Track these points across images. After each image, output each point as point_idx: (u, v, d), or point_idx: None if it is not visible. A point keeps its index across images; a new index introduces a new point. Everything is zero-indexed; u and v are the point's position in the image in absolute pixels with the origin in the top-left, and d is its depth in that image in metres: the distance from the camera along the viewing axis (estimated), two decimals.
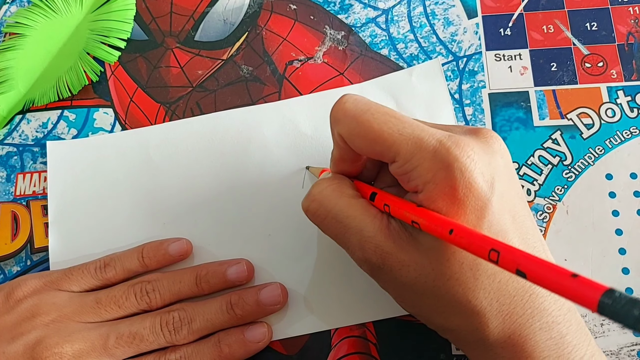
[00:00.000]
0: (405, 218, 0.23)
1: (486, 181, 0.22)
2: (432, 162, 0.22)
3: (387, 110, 0.24)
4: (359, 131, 0.24)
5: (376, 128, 0.23)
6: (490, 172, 0.22)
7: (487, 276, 0.22)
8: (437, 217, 0.22)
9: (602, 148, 0.33)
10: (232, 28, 0.38)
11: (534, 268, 0.18)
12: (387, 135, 0.23)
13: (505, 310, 0.23)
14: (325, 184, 0.26)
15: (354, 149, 0.25)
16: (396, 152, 0.23)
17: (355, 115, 0.24)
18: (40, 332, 0.28)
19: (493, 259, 0.19)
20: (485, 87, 0.35)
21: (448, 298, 0.23)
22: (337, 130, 0.25)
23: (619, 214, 0.32)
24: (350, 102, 0.25)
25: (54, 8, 0.40)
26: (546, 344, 0.23)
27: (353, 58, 0.37)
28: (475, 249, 0.20)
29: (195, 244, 0.33)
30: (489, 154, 0.23)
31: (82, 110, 0.37)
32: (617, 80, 0.34)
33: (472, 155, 0.22)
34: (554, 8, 0.37)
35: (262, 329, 0.30)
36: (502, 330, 0.23)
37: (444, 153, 0.22)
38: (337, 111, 0.25)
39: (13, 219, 0.35)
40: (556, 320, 0.23)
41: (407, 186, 0.24)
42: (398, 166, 0.23)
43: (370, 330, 0.31)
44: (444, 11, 0.37)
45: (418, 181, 0.23)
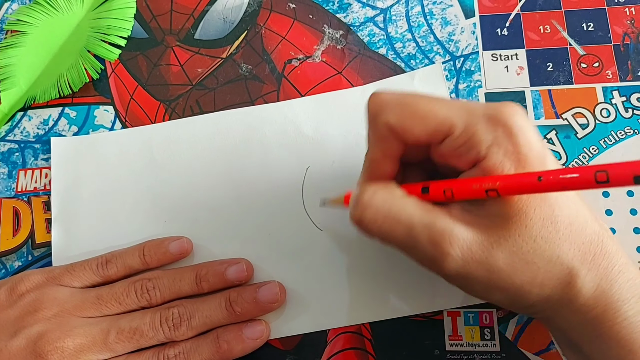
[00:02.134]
0: (477, 192, 0.23)
1: (538, 137, 0.23)
2: (488, 124, 0.22)
3: (423, 94, 0.24)
4: (409, 112, 0.24)
5: (425, 107, 0.24)
6: (535, 130, 0.23)
7: (565, 226, 0.23)
8: (514, 174, 0.22)
9: (596, 148, 0.33)
10: (232, 26, 0.39)
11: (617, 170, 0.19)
12: (438, 110, 0.23)
13: (588, 258, 0.23)
14: (372, 189, 0.25)
15: (404, 134, 0.24)
16: (451, 123, 0.23)
17: (399, 101, 0.24)
18: (42, 326, 0.29)
19: (601, 180, 0.20)
20: (481, 87, 0.35)
21: (538, 261, 0.23)
22: (383, 119, 0.24)
23: (612, 213, 0.32)
24: (385, 93, 0.25)
25: (55, 6, 0.40)
26: (627, 285, 0.23)
27: (351, 57, 0.37)
28: (577, 182, 0.20)
29: (196, 242, 0.33)
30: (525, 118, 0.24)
31: (83, 108, 0.38)
32: (613, 80, 0.35)
33: (520, 112, 0.23)
34: (550, 8, 0.37)
35: (260, 327, 0.31)
36: (591, 279, 0.23)
37: (498, 114, 0.22)
38: (378, 102, 0.25)
39: (15, 214, 0.35)
40: (626, 262, 0.24)
41: (464, 160, 0.23)
42: (454, 138, 0.23)
43: (365, 326, 0.32)
44: (442, 11, 0.38)
45: (480, 147, 0.22)
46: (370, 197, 0.24)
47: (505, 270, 0.23)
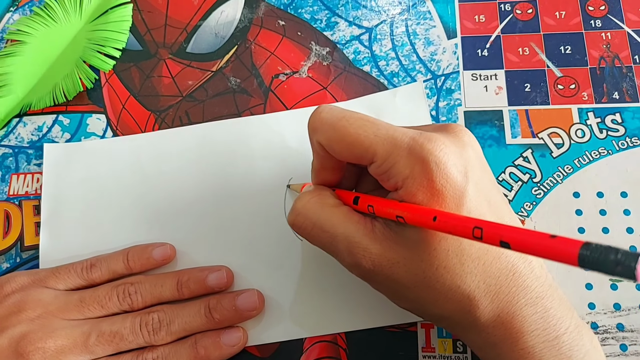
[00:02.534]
0: (390, 215, 0.24)
1: (460, 171, 0.23)
2: (408, 158, 0.23)
3: (361, 116, 0.25)
4: (336, 137, 0.25)
5: (352, 132, 0.25)
6: (462, 162, 0.24)
7: (472, 260, 0.24)
8: (420, 207, 0.23)
9: (570, 167, 0.34)
10: (223, 41, 0.40)
11: (516, 236, 0.19)
12: (364, 138, 0.24)
13: (492, 291, 0.24)
14: (307, 197, 0.27)
15: (334, 154, 0.26)
16: (373, 152, 0.24)
17: (331, 123, 0.25)
18: (25, 326, 0.29)
19: (477, 235, 0.20)
20: (461, 105, 0.36)
21: (439, 287, 0.24)
22: (315, 138, 0.26)
23: (584, 231, 0.33)
24: (326, 111, 0.26)
25: (54, 17, 0.42)
26: (532, 318, 0.24)
27: (336, 73, 0.38)
28: (460, 230, 0.21)
29: (179, 249, 0.34)
30: (460, 146, 0.24)
31: (76, 116, 0.39)
32: (588, 102, 0.36)
33: (444, 148, 0.23)
34: (530, 31, 0.38)
35: (238, 334, 0.31)
36: (492, 310, 0.24)
37: (418, 148, 0.23)
38: (315, 121, 0.26)
39: (5, 217, 0.37)
40: (539, 295, 0.24)
41: (387, 185, 0.25)
42: (377, 166, 0.24)
43: (341, 336, 0.32)
44: (425, 31, 0.39)
45: (397, 178, 0.24)
46: (303, 205, 0.27)
47: (408, 287, 0.25)
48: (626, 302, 0.31)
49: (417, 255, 0.24)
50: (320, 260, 0.33)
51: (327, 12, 0.40)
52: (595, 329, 0.31)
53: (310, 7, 0.41)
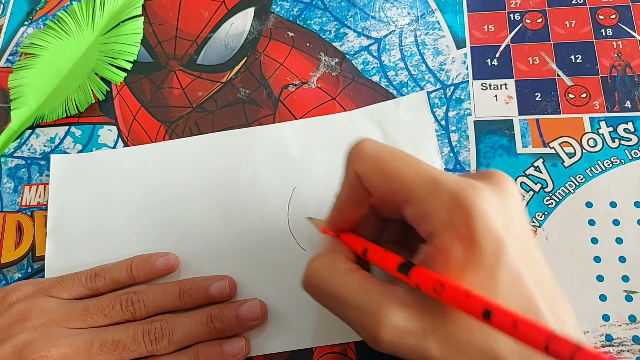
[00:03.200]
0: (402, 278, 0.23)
1: (502, 225, 0.22)
2: (449, 204, 0.22)
3: (404, 153, 0.24)
4: (377, 168, 0.24)
5: (394, 166, 0.24)
6: (505, 215, 0.22)
7: None
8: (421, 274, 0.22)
9: (582, 177, 0.34)
10: (232, 53, 0.41)
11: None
12: (405, 174, 0.23)
13: (524, 356, 0.22)
14: (317, 262, 0.26)
15: (368, 187, 0.25)
16: (413, 191, 0.23)
17: (373, 154, 0.24)
18: (29, 335, 0.29)
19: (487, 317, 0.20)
20: (470, 115, 0.36)
21: (472, 352, 0.22)
22: (354, 167, 0.25)
23: (597, 242, 0.32)
24: (368, 143, 0.25)
25: (67, 31, 0.43)
26: None
27: (345, 84, 0.38)
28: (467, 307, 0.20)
29: (183, 259, 0.34)
30: (503, 198, 0.23)
31: (88, 127, 0.40)
32: (600, 111, 0.35)
33: (489, 198, 0.22)
34: (540, 40, 0.38)
35: (240, 343, 0.31)
36: None
37: (462, 196, 0.22)
38: (356, 150, 0.25)
39: (17, 228, 0.37)
40: None
41: (421, 229, 0.23)
42: (414, 208, 0.23)
43: (350, 347, 0.32)
44: (434, 41, 0.39)
45: (435, 223, 0.22)
46: (314, 270, 0.26)
47: (437, 357, 0.23)
48: None
49: (448, 319, 0.22)
50: None
51: (335, 23, 0.41)
52: (610, 342, 0.30)
53: (319, 18, 0.41)
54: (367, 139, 0.25)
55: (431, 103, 0.37)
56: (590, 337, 0.30)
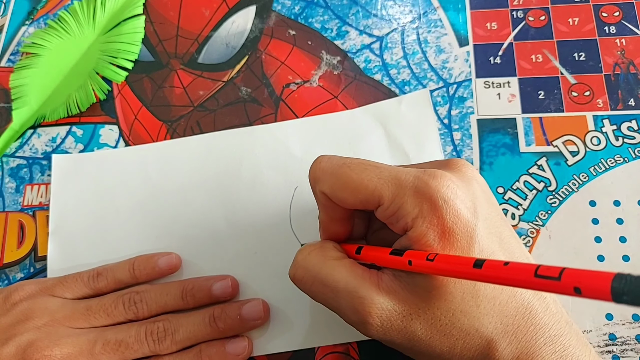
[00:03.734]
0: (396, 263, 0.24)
1: (468, 208, 0.23)
2: (414, 197, 0.23)
3: (361, 160, 0.25)
4: (339, 184, 0.25)
5: (355, 178, 0.24)
6: (470, 198, 0.23)
7: (487, 301, 0.23)
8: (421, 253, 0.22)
9: (586, 175, 0.34)
10: (234, 51, 0.40)
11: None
12: (367, 182, 0.24)
13: (510, 331, 0.23)
14: (308, 250, 0.27)
15: (339, 203, 0.25)
16: (379, 195, 0.24)
17: (332, 171, 0.25)
18: (32, 334, 0.29)
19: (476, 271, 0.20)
20: (473, 113, 0.36)
21: (456, 333, 0.23)
22: (319, 189, 0.26)
23: (601, 240, 0.32)
24: (325, 161, 0.26)
25: (68, 30, 0.42)
26: (552, 358, 0.23)
27: (347, 82, 0.38)
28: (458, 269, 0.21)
29: (185, 258, 0.34)
30: (465, 181, 0.24)
31: (89, 127, 0.39)
32: (603, 109, 0.35)
33: (450, 184, 0.23)
34: (543, 38, 0.38)
35: (243, 343, 0.31)
36: (511, 350, 0.23)
37: (424, 186, 0.23)
38: (315, 171, 0.26)
39: (20, 227, 0.37)
40: (557, 333, 0.24)
41: (396, 227, 0.24)
42: (384, 209, 0.24)
43: (353, 347, 0.32)
44: (436, 39, 0.39)
45: (406, 219, 0.23)
46: (303, 258, 0.26)
47: (424, 339, 0.24)
48: None
49: (432, 303, 0.23)
50: None
51: (337, 22, 0.40)
52: (614, 341, 0.30)
53: (320, 16, 0.41)
54: (322, 157, 0.26)
55: (434, 101, 0.37)
56: (593, 336, 0.30)
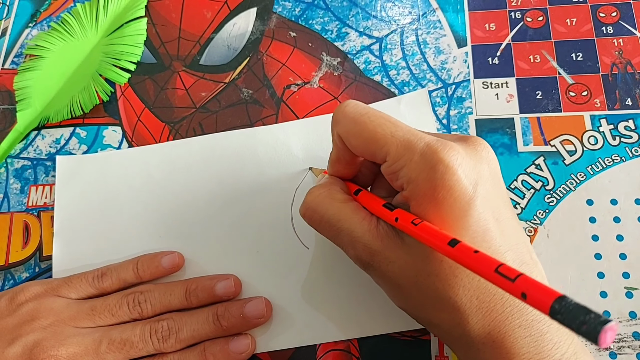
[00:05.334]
0: (384, 216, 0.25)
1: (470, 183, 0.23)
2: (417, 162, 0.23)
3: (383, 115, 0.26)
4: (355, 131, 0.26)
5: (370, 129, 0.25)
6: (474, 175, 0.23)
7: (466, 274, 0.23)
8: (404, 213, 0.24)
9: (583, 174, 0.34)
10: (235, 53, 0.41)
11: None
12: (380, 136, 0.25)
13: (484, 308, 0.24)
14: (317, 191, 0.28)
15: (350, 148, 0.27)
16: (387, 152, 0.25)
17: (353, 117, 0.26)
18: (38, 334, 0.30)
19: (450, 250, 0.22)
20: (472, 113, 0.37)
21: (429, 293, 0.24)
22: (336, 130, 0.27)
23: (598, 239, 0.33)
24: (350, 106, 0.27)
25: (71, 32, 0.43)
26: (525, 341, 0.23)
27: (347, 83, 0.39)
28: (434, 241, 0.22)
29: (188, 258, 0.35)
30: (475, 160, 0.24)
31: (93, 128, 0.40)
32: (601, 109, 0.36)
33: (457, 157, 0.23)
34: (540, 39, 0.38)
35: (246, 341, 0.32)
36: (482, 326, 0.24)
37: (430, 154, 0.23)
38: (338, 113, 0.27)
39: (25, 228, 0.37)
40: (536, 318, 0.24)
41: (395, 185, 0.25)
42: (387, 165, 0.25)
43: (353, 344, 0.32)
44: (435, 40, 0.39)
45: (403, 180, 0.24)
46: (312, 198, 0.28)
47: (401, 285, 0.25)
48: None
49: (411, 260, 0.24)
50: (328, 267, 0.33)
51: (337, 23, 0.41)
52: None
53: (320, 18, 0.41)
54: (350, 101, 0.27)
55: (433, 102, 0.37)
56: None
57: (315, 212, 0.28)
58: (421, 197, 0.23)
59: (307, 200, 0.28)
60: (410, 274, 0.25)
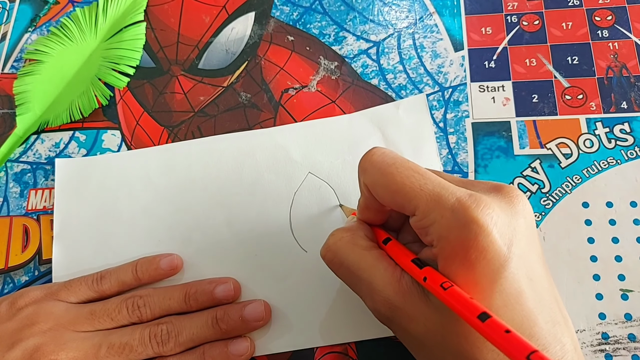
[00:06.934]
0: (412, 272, 0.24)
1: (504, 243, 0.22)
2: (449, 219, 0.22)
3: (411, 165, 0.25)
4: (382, 182, 0.25)
5: (398, 181, 0.24)
6: (509, 233, 0.22)
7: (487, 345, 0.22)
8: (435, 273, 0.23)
9: (579, 177, 0.34)
10: (233, 57, 0.41)
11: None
12: (409, 189, 0.24)
13: None
14: (340, 235, 0.28)
15: (378, 199, 0.26)
16: (415, 206, 0.24)
17: (380, 167, 0.25)
18: (38, 339, 0.30)
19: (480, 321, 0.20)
20: (468, 117, 0.37)
21: (455, 353, 0.23)
22: (363, 179, 0.26)
23: (594, 241, 0.33)
24: (377, 155, 0.26)
25: (70, 37, 0.43)
26: None
27: (345, 87, 0.39)
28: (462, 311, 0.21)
29: (187, 261, 0.35)
30: (510, 215, 0.23)
31: (92, 132, 0.40)
32: (596, 112, 0.36)
33: (492, 215, 0.22)
34: (537, 42, 0.38)
35: (245, 344, 0.32)
36: None
37: (462, 212, 0.22)
38: (365, 161, 0.26)
39: (24, 231, 0.38)
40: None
41: (424, 240, 0.24)
42: (417, 220, 0.24)
43: (351, 347, 0.33)
44: (432, 44, 0.39)
45: (433, 236, 0.23)
46: (334, 242, 0.28)
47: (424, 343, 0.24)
48: (637, 312, 0.31)
49: (438, 319, 0.23)
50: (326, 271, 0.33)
51: (335, 27, 0.41)
52: (606, 340, 0.31)
53: (318, 22, 0.41)
54: (377, 149, 0.26)
55: (430, 105, 0.37)
56: (586, 336, 0.31)
57: (335, 256, 0.27)
58: (452, 257, 0.22)
59: (329, 243, 0.28)
60: (435, 334, 0.23)
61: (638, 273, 0.32)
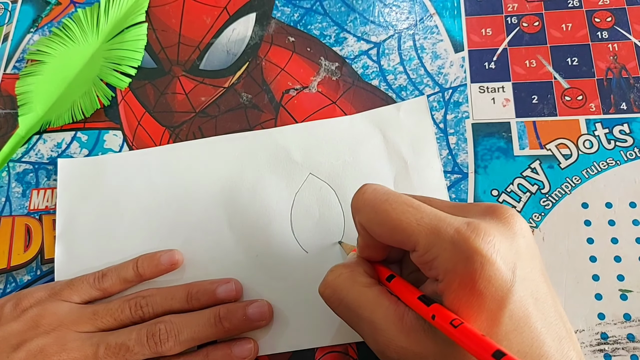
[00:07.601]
0: (420, 310, 0.23)
1: (509, 269, 0.22)
2: (451, 252, 0.22)
3: (405, 200, 0.24)
4: (378, 220, 0.24)
5: (394, 217, 0.24)
6: (512, 257, 0.22)
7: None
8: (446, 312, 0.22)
9: (579, 178, 0.35)
10: (235, 58, 0.41)
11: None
12: (406, 225, 0.23)
13: None
14: (339, 271, 0.27)
15: (375, 237, 0.25)
16: (415, 242, 0.23)
17: (374, 205, 0.25)
18: (42, 340, 0.30)
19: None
20: (468, 118, 0.37)
21: None
22: (357, 219, 0.26)
23: (593, 242, 0.33)
24: (369, 192, 0.25)
25: (72, 37, 0.43)
26: None
27: (345, 88, 0.39)
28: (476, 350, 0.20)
29: (188, 261, 0.35)
30: (510, 237, 0.23)
31: (94, 132, 0.40)
32: (596, 113, 0.36)
33: (493, 243, 0.22)
34: (536, 44, 0.38)
35: (249, 345, 0.32)
36: None
37: (463, 244, 0.22)
38: (357, 200, 0.26)
39: (26, 231, 0.38)
40: None
41: (428, 274, 0.24)
42: (418, 255, 0.23)
43: (352, 346, 0.33)
44: (432, 45, 0.40)
45: (439, 270, 0.23)
46: (333, 279, 0.27)
47: None
48: (636, 312, 0.31)
49: (449, 353, 0.23)
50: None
51: (335, 28, 0.41)
52: (605, 340, 0.31)
53: (319, 23, 0.42)
54: (368, 186, 0.26)
55: (430, 106, 0.38)
56: (585, 336, 0.31)
57: (334, 293, 0.26)
58: (460, 289, 0.22)
59: (328, 279, 0.27)
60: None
61: (637, 273, 0.32)
